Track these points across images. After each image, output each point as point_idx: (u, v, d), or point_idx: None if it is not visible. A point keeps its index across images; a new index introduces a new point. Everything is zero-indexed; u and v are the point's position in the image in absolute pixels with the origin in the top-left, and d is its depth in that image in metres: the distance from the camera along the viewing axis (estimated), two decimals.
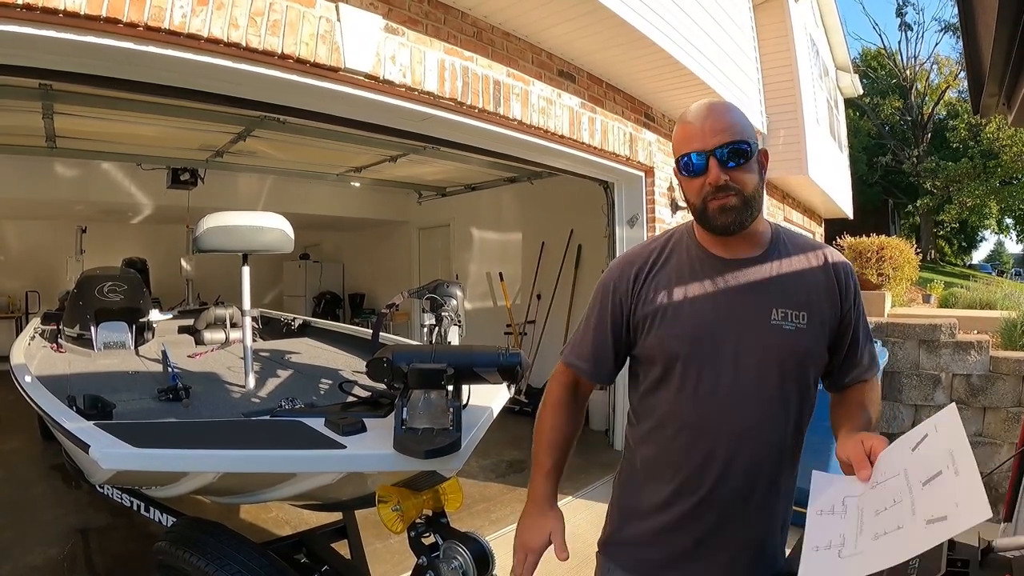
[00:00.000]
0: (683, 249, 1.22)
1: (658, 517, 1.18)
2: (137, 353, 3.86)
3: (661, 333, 1.16)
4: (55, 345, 3.97)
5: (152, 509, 2.28)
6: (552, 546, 1.22)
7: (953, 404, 0.76)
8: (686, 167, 1.13)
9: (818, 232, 13.21)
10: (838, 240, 5.80)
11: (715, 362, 1.12)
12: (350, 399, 2.24)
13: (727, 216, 1.11)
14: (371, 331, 3.26)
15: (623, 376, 1.33)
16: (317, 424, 1.79)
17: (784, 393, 1.13)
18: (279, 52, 2.50)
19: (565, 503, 3.76)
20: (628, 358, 1.28)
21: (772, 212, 9.39)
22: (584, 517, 3.41)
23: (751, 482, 1.13)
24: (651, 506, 1.20)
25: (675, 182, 5.69)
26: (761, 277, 1.16)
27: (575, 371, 1.30)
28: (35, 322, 4.53)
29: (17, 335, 4.38)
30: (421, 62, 3.06)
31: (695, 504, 1.14)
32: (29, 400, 2.28)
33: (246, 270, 2.81)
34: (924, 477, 0.77)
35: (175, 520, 2.18)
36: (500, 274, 7.74)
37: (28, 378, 2.50)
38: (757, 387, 1.12)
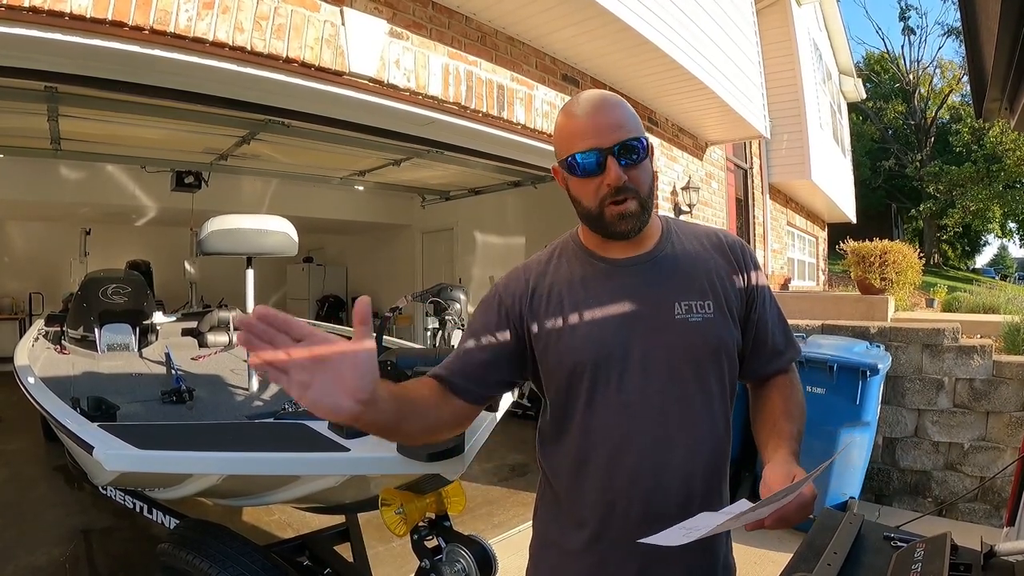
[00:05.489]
0: (571, 258, 1.13)
1: (590, 554, 1.06)
2: (141, 355, 3.87)
3: (560, 349, 1.06)
4: (59, 347, 3.98)
5: (155, 511, 2.28)
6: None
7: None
8: (579, 167, 1.02)
9: (821, 236, 13.21)
10: (841, 244, 5.77)
11: (623, 372, 1.03)
12: None
13: (626, 223, 1.03)
14: (374, 334, 3.26)
15: None
16: (320, 427, 1.80)
17: (705, 390, 1.05)
18: (284, 56, 2.51)
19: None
20: (524, 381, 1.15)
21: (775, 216, 9.40)
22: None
23: (687, 490, 1.03)
24: (579, 543, 1.07)
25: (674, 185, 5.70)
26: (657, 272, 1.08)
27: (437, 382, 1.08)
28: (39, 324, 4.55)
29: (21, 336, 4.40)
30: (425, 66, 3.08)
31: (633, 530, 1.00)
32: (33, 401, 2.29)
33: (250, 273, 2.83)
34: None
35: (178, 522, 2.19)
36: None
37: (32, 379, 2.51)
38: (673, 389, 1.03)
